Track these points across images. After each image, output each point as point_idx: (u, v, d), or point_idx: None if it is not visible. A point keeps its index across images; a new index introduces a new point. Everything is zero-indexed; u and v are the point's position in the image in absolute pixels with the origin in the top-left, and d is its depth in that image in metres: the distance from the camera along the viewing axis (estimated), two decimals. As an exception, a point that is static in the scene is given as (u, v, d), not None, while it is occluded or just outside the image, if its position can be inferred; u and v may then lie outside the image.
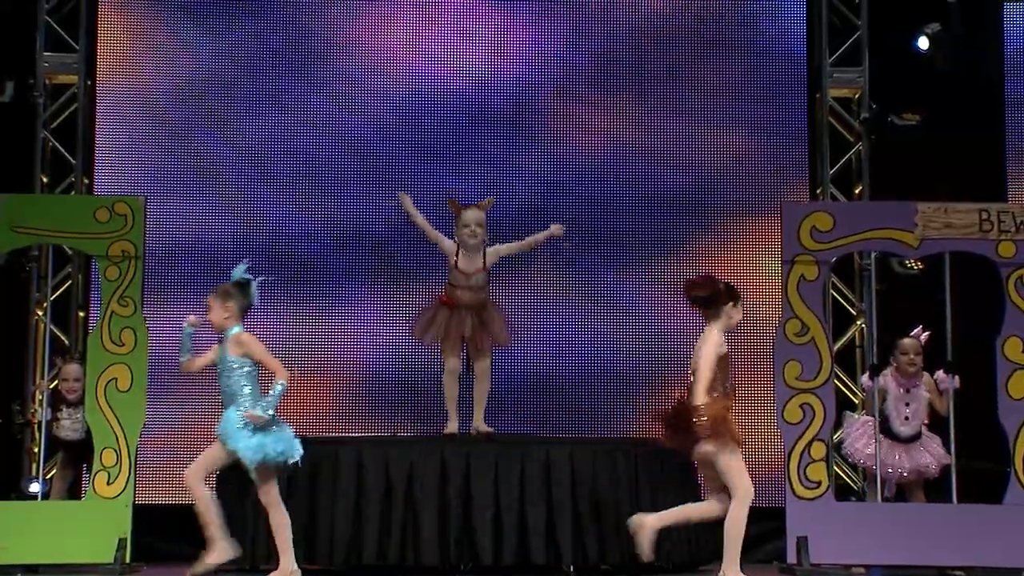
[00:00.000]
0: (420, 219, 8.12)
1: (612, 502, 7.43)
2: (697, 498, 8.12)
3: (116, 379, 8.03)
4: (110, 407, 8.02)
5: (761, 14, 10.18)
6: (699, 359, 6.45)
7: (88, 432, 8.15)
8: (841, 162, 10.09)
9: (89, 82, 10.04)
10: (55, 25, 10.02)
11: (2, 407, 9.59)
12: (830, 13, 10.15)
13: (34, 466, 9.35)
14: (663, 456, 7.91)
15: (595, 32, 10.15)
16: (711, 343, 6.50)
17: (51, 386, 8.80)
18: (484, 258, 7.95)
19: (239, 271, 6.96)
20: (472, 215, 7.91)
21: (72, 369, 8.51)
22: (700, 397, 6.34)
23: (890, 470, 8.30)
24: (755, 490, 6.57)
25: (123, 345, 8.05)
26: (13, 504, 8.46)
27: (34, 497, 8.92)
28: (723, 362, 6.48)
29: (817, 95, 10.13)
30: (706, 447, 6.39)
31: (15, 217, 8.06)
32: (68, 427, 8.44)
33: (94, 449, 8.02)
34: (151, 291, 8.91)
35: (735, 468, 6.41)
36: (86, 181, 9.98)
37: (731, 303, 6.59)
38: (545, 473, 7.35)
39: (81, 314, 9.90)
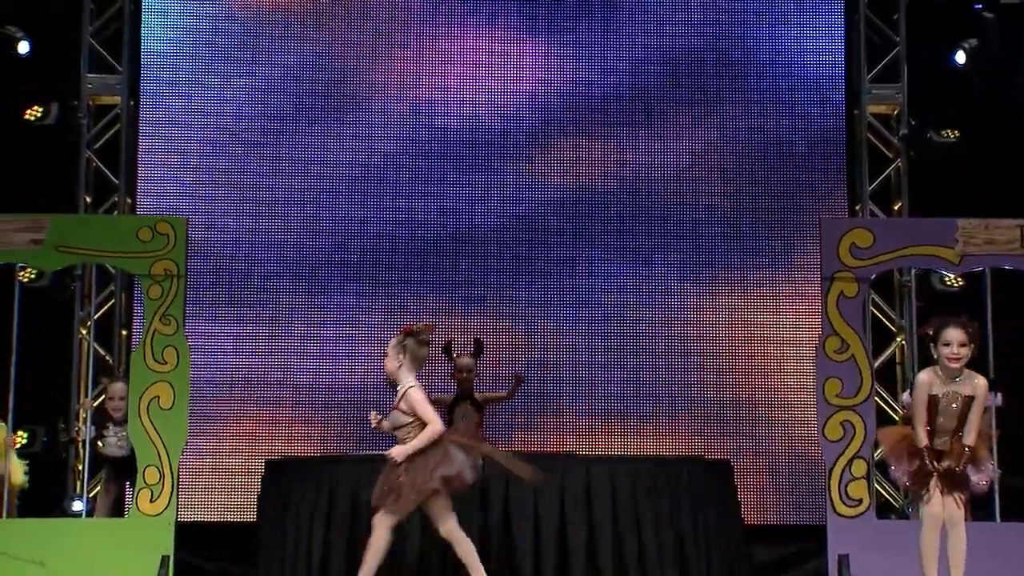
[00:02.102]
0: None
1: (653, 521, 7.42)
2: (739, 517, 8.11)
3: (158, 397, 8.06)
4: (153, 425, 8.06)
5: (799, 31, 10.18)
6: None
7: (134, 449, 8.20)
8: (880, 178, 10.07)
9: (132, 103, 10.15)
10: (99, 47, 10.14)
11: (47, 425, 9.68)
12: (868, 29, 10.14)
13: (78, 484, 9.44)
14: (705, 474, 7.89)
15: (631, 52, 10.18)
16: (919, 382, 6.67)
17: (96, 404, 8.88)
18: None
19: None
20: None
21: (118, 388, 8.58)
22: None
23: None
24: (794, 508, 6.56)
25: (166, 363, 8.08)
26: (56, 521, 8.51)
27: (77, 515, 8.99)
28: (932, 402, 6.55)
29: (856, 111, 10.12)
30: None
31: (60, 237, 8.13)
32: (114, 444, 8.51)
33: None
34: (192, 310, 8.99)
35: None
36: (128, 201, 10.08)
37: (933, 343, 6.60)
38: (585, 492, 7.34)
39: (124, 332, 9.99)
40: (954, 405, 6.47)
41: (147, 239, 8.16)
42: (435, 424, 6.52)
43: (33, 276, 9.54)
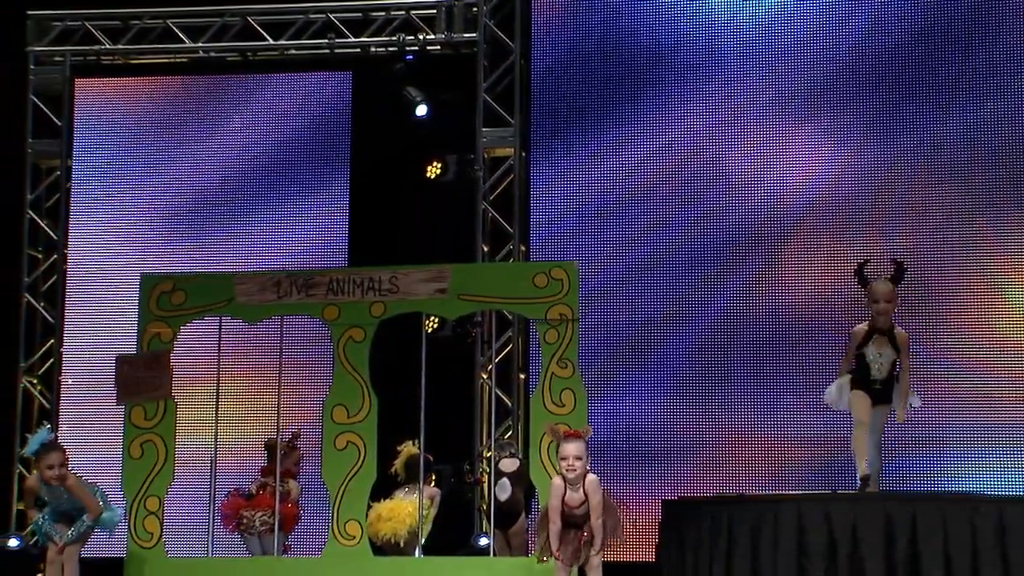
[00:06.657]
0: None
1: (1075, 564, 6.95)
2: None
3: (558, 439, 8.25)
4: (553, 466, 8.24)
5: None
6: None
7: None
8: None
9: (523, 153, 10.49)
10: (492, 102, 10.55)
11: (453, 466, 10.07)
12: None
13: (483, 522, 9.76)
14: None
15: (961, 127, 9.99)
16: None
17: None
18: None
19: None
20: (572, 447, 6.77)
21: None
22: None
23: None
24: None
25: (563, 406, 8.24)
26: (464, 560, 8.81)
27: (484, 552, 9.29)
28: None
29: None
30: None
31: (461, 286, 8.46)
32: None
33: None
34: (582, 354, 9.21)
35: None
36: (522, 248, 10.40)
37: None
38: (999, 534, 6.95)
39: (522, 376, 10.28)
40: None
41: (542, 285, 8.39)
42: None
43: (436, 325, 9.99)
